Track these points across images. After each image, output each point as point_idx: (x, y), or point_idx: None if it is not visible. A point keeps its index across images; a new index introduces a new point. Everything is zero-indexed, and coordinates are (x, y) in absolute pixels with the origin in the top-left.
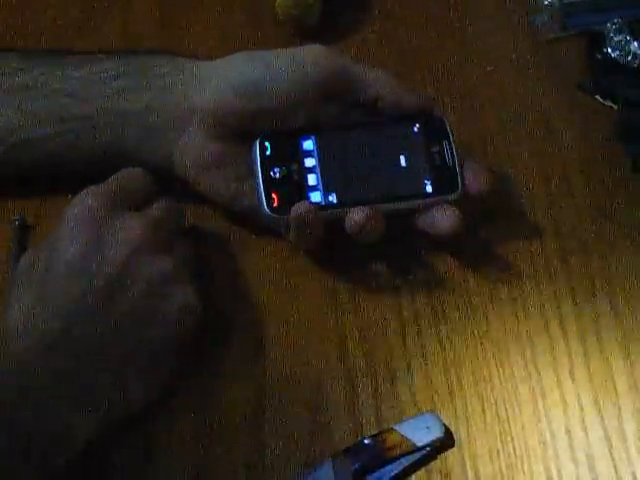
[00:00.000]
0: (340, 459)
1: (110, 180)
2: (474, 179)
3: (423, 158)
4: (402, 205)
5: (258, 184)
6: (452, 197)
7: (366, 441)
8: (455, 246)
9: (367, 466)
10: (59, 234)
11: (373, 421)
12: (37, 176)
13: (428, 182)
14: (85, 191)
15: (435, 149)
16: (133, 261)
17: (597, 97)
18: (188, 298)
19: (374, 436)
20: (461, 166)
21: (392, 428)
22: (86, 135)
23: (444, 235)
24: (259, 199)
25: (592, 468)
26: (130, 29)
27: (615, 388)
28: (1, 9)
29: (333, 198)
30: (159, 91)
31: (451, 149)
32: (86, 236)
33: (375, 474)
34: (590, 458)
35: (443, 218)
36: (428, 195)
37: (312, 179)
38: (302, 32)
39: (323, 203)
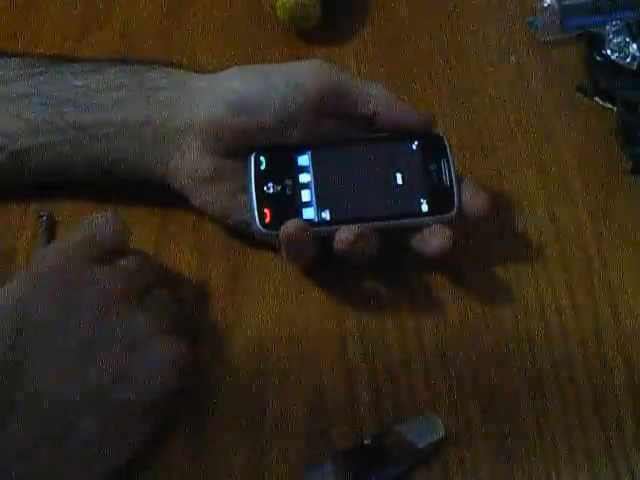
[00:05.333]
0: (340, 460)
1: (78, 230)
2: (472, 203)
3: (420, 176)
4: (396, 223)
5: (251, 199)
6: (447, 217)
7: (366, 442)
8: (455, 249)
9: (367, 467)
10: (28, 294)
11: (373, 421)
12: (36, 183)
13: (424, 201)
14: (51, 247)
15: (433, 167)
16: (106, 320)
17: (596, 99)
18: (170, 350)
19: (374, 436)
20: (459, 186)
21: (392, 428)
22: (84, 145)
23: (434, 256)
24: (251, 214)
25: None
26: (132, 32)
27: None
28: (2, 12)
29: (326, 215)
30: (157, 105)
31: (449, 168)
32: (57, 298)
33: (375, 475)
34: (589, 459)
35: (434, 238)
36: (423, 214)
37: (306, 195)
38: (302, 33)
39: (316, 220)
